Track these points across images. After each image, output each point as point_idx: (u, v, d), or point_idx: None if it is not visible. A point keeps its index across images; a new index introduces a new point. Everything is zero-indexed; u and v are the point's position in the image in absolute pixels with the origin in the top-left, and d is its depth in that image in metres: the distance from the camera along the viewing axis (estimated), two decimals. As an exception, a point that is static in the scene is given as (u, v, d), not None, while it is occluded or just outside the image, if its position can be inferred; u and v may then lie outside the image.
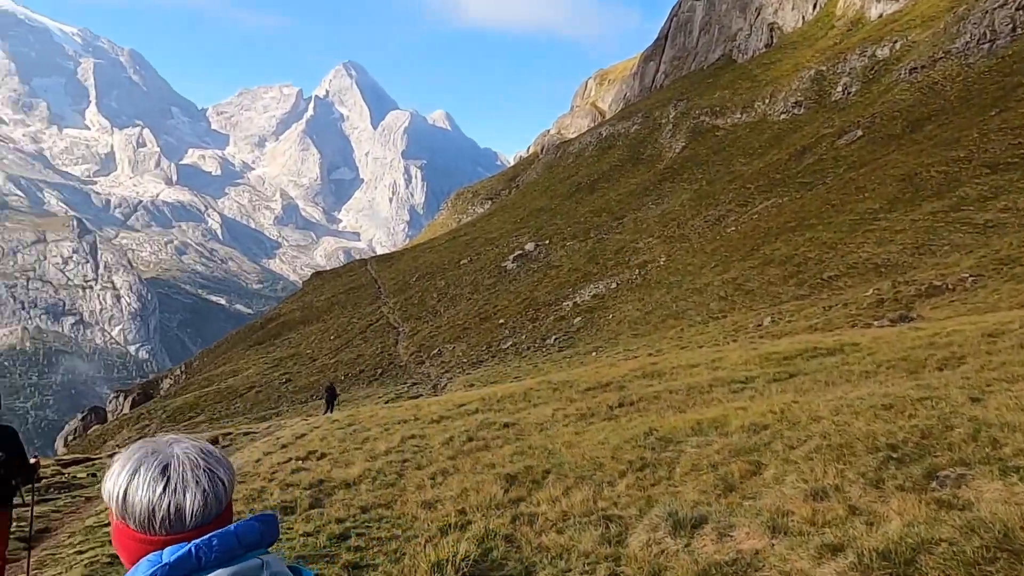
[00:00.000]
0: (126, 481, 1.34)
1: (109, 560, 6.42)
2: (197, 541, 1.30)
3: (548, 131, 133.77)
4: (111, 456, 20.18)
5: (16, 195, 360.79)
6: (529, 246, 63.59)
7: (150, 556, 1.31)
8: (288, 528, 6.15)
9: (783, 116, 65.70)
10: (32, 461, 6.07)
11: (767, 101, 69.35)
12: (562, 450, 7.09)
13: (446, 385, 36.24)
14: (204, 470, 1.36)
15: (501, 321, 48.25)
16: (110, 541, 6.89)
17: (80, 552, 6.78)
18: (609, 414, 8.63)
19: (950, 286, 22.34)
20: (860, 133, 50.78)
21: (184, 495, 1.33)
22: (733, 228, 47.10)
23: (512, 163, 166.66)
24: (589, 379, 12.05)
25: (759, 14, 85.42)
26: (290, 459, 9.16)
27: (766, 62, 77.67)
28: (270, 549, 1.40)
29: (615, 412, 8.69)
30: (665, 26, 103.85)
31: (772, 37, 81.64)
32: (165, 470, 1.34)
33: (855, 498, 4.01)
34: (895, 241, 31.82)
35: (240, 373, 57.55)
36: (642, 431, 6.73)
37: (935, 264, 27.08)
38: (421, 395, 34.07)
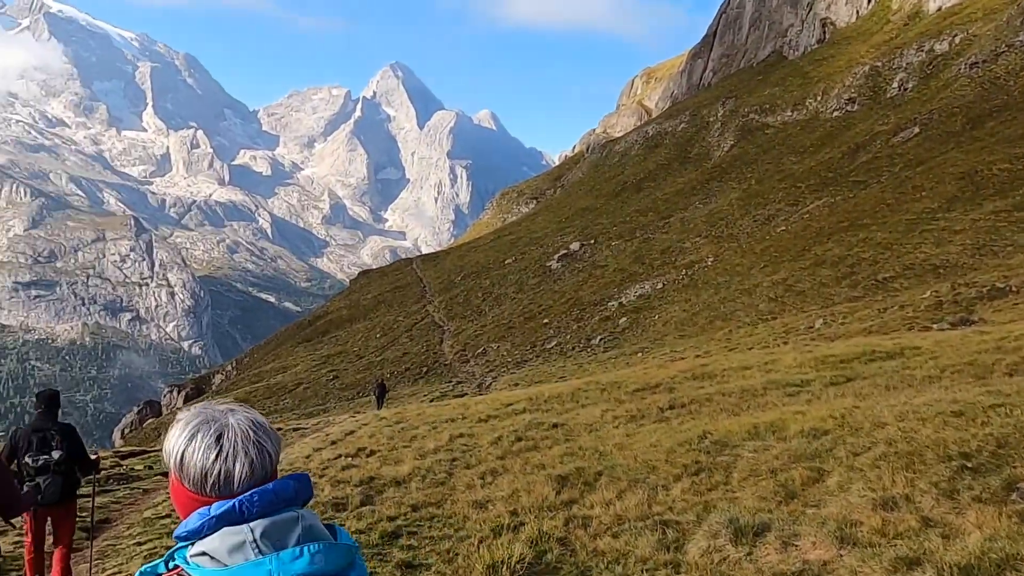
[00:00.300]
0: (184, 444, 1.50)
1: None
2: (241, 497, 1.48)
3: (594, 130, 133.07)
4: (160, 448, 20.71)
5: (77, 195, 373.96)
6: (574, 246, 63.33)
7: (200, 510, 1.49)
8: (339, 525, 6.17)
9: (836, 113, 64.15)
10: (93, 457, 6.43)
11: (819, 98, 67.81)
12: (613, 452, 6.97)
13: (491, 384, 36.30)
14: (254, 442, 1.51)
15: (546, 321, 48.15)
16: (168, 533, 7.02)
17: (139, 544, 6.92)
18: (660, 416, 8.47)
19: (1014, 288, 21.47)
20: (917, 130, 49.28)
21: (234, 463, 1.49)
22: (783, 228, 46.16)
23: (557, 163, 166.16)
24: (638, 380, 11.88)
25: (811, 9, 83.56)
26: (340, 456, 9.23)
27: (818, 58, 75.95)
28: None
29: (666, 414, 8.54)
30: (714, 23, 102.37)
31: (824, 33, 79.79)
32: (219, 439, 1.50)
33: (928, 509, 3.82)
34: (954, 242, 30.77)
35: (289, 370, 58.61)
36: (696, 434, 6.58)
37: (997, 265, 26.08)
38: (466, 394, 34.19)
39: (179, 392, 70.93)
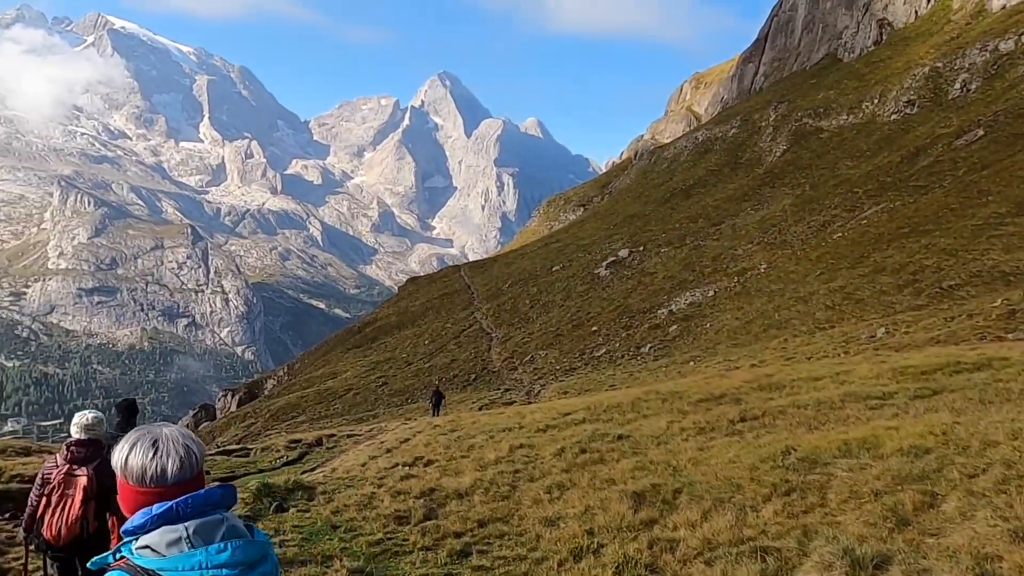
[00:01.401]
0: (127, 451, 1.95)
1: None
2: (177, 500, 1.88)
3: (642, 136, 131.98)
4: (217, 451, 21.05)
5: (137, 204, 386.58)
6: (622, 252, 62.70)
7: (143, 510, 1.89)
8: (403, 540, 5.97)
9: (894, 116, 62.24)
10: None
11: (876, 101, 65.91)
12: (688, 467, 6.64)
13: (539, 392, 36.04)
14: (183, 445, 1.97)
15: (594, 328, 47.70)
16: None
17: None
18: (731, 429, 8.11)
19: (1094, 296, 20.33)
20: (981, 133, 47.41)
21: (167, 460, 1.92)
22: (840, 234, 44.86)
23: (604, 169, 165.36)
24: (700, 390, 11.48)
25: (867, 10, 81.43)
26: (396, 465, 9.08)
27: (875, 60, 73.91)
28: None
29: (737, 427, 8.17)
30: (765, 26, 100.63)
31: (882, 34, 77.65)
32: (155, 443, 1.95)
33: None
34: (1025, 247, 29.41)
35: (339, 375, 59.24)
36: (778, 450, 6.21)
37: (1075, 272, 24.79)
38: (515, 401, 33.98)
39: (233, 396, 72.36)
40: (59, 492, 5.12)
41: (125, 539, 1.95)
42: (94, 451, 5.27)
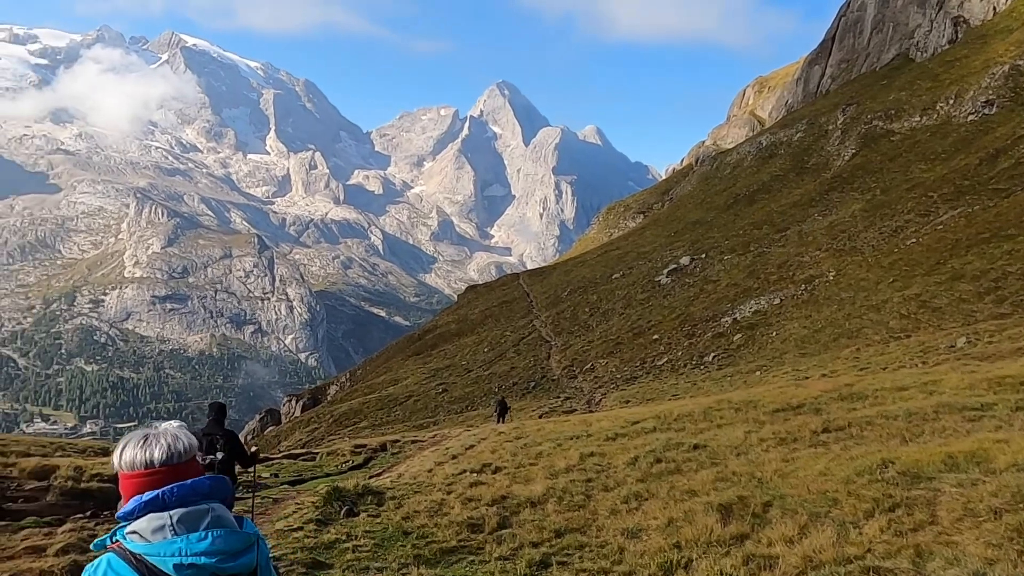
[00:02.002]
0: (123, 444, 2.17)
1: (304, 571, 6.47)
2: (163, 488, 2.05)
3: (703, 142, 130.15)
4: (283, 455, 21.44)
5: (207, 215, 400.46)
6: (684, 260, 61.68)
7: (135, 497, 2.06)
8: (478, 548, 5.84)
9: (971, 117, 59.64)
10: (252, 450, 7.77)
11: (951, 102, 63.30)
12: (775, 480, 6.32)
13: (600, 400, 35.67)
14: (172, 435, 2.17)
15: (655, 337, 46.99)
16: (302, 548, 6.96)
17: (275, 559, 6.87)
18: (815, 440, 7.74)
19: None
20: (1069, 132, 44.98)
21: (154, 449, 2.12)
22: (914, 240, 43.13)
23: (664, 176, 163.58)
24: (775, 400, 11.06)
25: (941, 8, 78.42)
26: (464, 471, 8.99)
27: (950, 59, 71.05)
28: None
29: (821, 438, 7.79)
30: (832, 27, 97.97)
31: (957, 32, 74.64)
32: (146, 437, 2.16)
33: None
34: (1121, 253, 27.67)
35: (399, 382, 59.88)
36: (874, 463, 5.84)
37: None
38: (575, 410, 33.70)
39: (297, 401, 73.97)
40: None
41: (119, 524, 2.11)
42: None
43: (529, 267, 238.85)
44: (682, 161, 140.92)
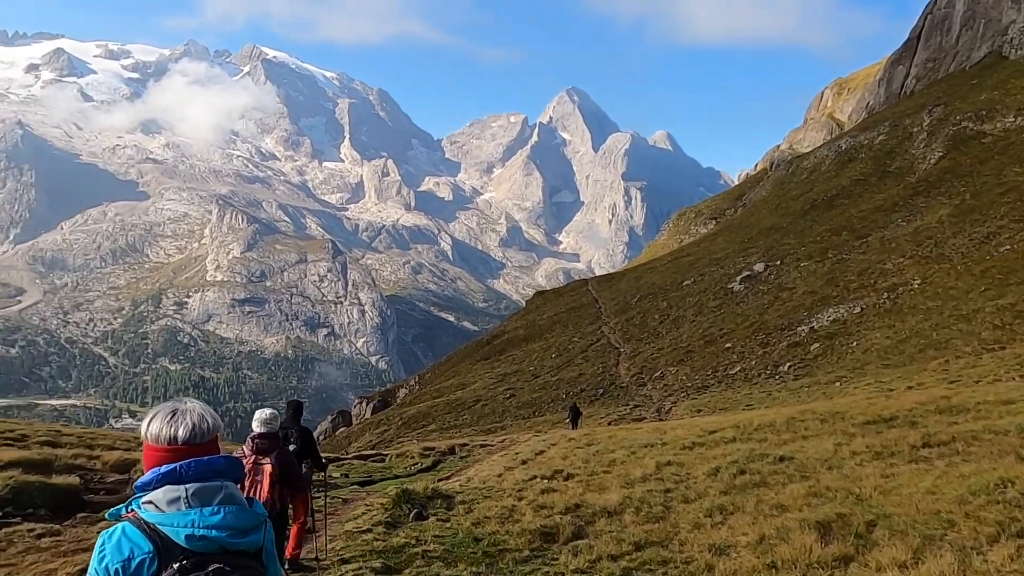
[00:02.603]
0: (151, 417, 2.23)
1: (373, 576, 6.44)
2: (181, 462, 2.13)
3: (778, 146, 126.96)
4: (354, 456, 21.75)
5: (284, 221, 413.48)
6: (758, 267, 60.05)
7: (153, 469, 2.14)
8: (553, 559, 5.64)
9: (1072, 117, 56.14)
10: (324, 459, 8.06)
11: (1050, 100, 59.74)
12: (875, 497, 5.92)
13: (670, 409, 35.02)
14: (198, 415, 2.22)
15: (728, 345, 45.86)
16: (371, 551, 6.94)
17: (344, 561, 6.82)
18: (915, 455, 7.26)
19: None
20: None
21: (179, 427, 2.17)
22: (1008, 247, 40.80)
23: (737, 182, 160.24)
24: (863, 411, 10.50)
25: (1038, 2, 74.24)
26: (534, 477, 8.84)
27: (1048, 56, 67.14)
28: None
29: (922, 453, 7.30)
30: (917, 25, 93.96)
31: (1056, 27, 70.46)
32: (174, 412, 2.21)
33: None
34: None
35: (467, 386, 60.24)
36: (990, 482, 5.39)
37: None
38: (644, 417, 33.15)
39: (367, 403, 75.35)
40: (250, 479, 5.90)
41: (136, 494, 2.15)
42: (272, 442, 6.14)
43: (597, 273, 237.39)
44: (756, 166, 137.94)
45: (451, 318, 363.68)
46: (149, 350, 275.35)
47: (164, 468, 2.12)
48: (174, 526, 2.03)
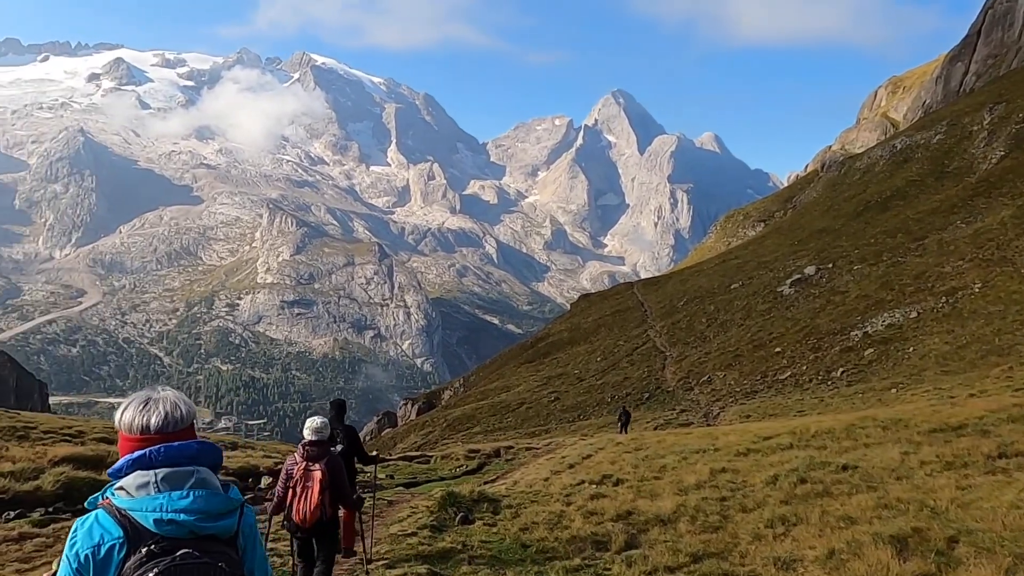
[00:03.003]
0: (125, 406, 2.22)
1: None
2: (150, 448, 2.14)
3: (830, 147, 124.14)
4: (399, 456, 21.82)
5: (332, 224, 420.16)
6: (809, 270, 58.67)
7: (125, 456, 2.15)
8: (605, 569, 5.40)
9: None
10: (373, 454, 8.20)
11: (1122, 96, 57.11)
12: (953, 510, 5.56)
13: (718, 414, 34.42)
14: (172, 403, 2.22)
15: (778, 350, 44.87)
16: (416, 555, 6.84)
17: (390, 567, 6.73)
18: (991, 466, 6.86)
19: None
20: None
21: (151, 415, 2.18)
22: (1076, 249, 39.06)
23: (786, 184, 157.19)
24: (928, 419, 10.03)
25: (1108, -6, 71.10)
26: (582, 482, 8.65)
27: (1119, 50, 64.18)
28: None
29: (999, 464, 6.89)
30: (977, 21, 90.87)
31: None
32: (147, 401, 2.21)
33: None
34: None
35: (511, 389, 60.20)
36: (1084, 497, 5.05)
37: None
38: (691, 422, 32.64)
39: (413, 405, 75.89)
40: (301, 484, 6.07)
41: (111, 480, 2.17)
42: (323, 449, 6.29)
43: (643, 277, 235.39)
44: (806, 167, 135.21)
45: (495, 321, 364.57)
46: (202, 350, 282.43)
47: (135, 454, 2.14)
48: (143, 511, 2.05)
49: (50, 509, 9.41)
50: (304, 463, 6.16)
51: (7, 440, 13.39)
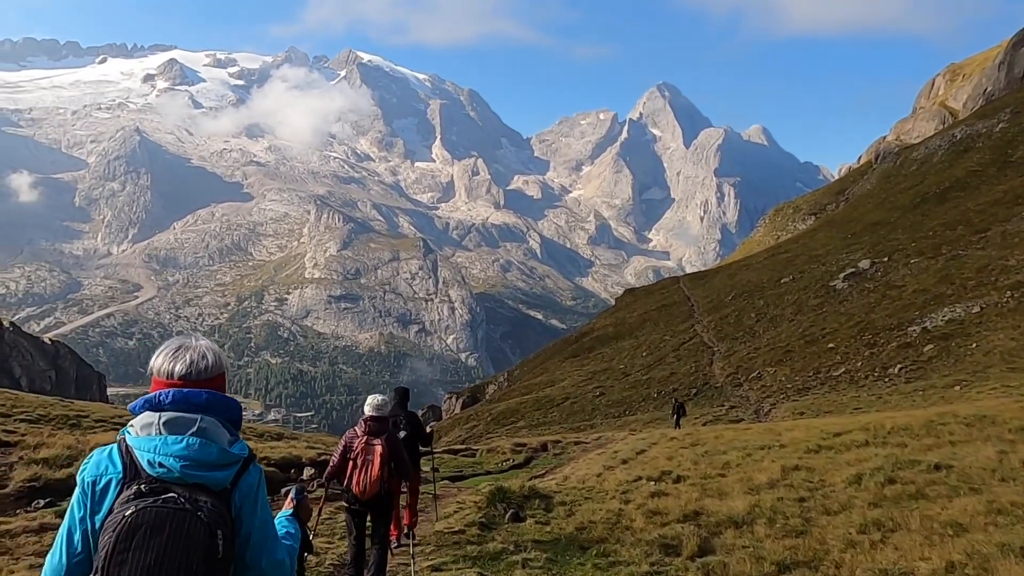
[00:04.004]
0: (159, 352, 2.29)
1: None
2: (161, 391, 2.20)
3: (884, 138, 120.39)
4: (443, 450, 21.66)
5: (378, 220, 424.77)
6: (863, 264, 56.90)
7: (142, 396, 2.23)
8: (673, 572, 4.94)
9: None
10: (428, 431, 8.59)
11: None
12: None
13: (769, 411, 33.58)
14: (201, 352, 2.27)
15: (831, 346, 43.56)
16: (464, 556, 6.42)
17: (436, 570, 6.38)
18: (1107, 471, 6.26)
19: None
20: None
21: (177, 362, 2.24)
22: None
23: (837, 176, 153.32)
24: (1016, 415, 9.33)
25: None
26: (639, 478, 8.24)
27: None
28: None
29: (1115, 468, 6.30)
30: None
31: None
32: (179, 348, 2.28)
33: None
34: None
35: (556, 384, 59.81)
36: None
37: None
38: (741, 419, 31.88)
39: (457, 399, 76.09)
40: (362, 457, 6.24)
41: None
42: (383, 425, 6.47)
43: (688, 271, 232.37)
44: (859, 159, 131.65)
45: (539, 316, 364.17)
46: (252, 344, 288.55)
47: (149, 395, 2.21)
48: (141, 450, 2.10)
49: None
50: (365, 437, 6.32)
51: (59, 428, 13.57)
